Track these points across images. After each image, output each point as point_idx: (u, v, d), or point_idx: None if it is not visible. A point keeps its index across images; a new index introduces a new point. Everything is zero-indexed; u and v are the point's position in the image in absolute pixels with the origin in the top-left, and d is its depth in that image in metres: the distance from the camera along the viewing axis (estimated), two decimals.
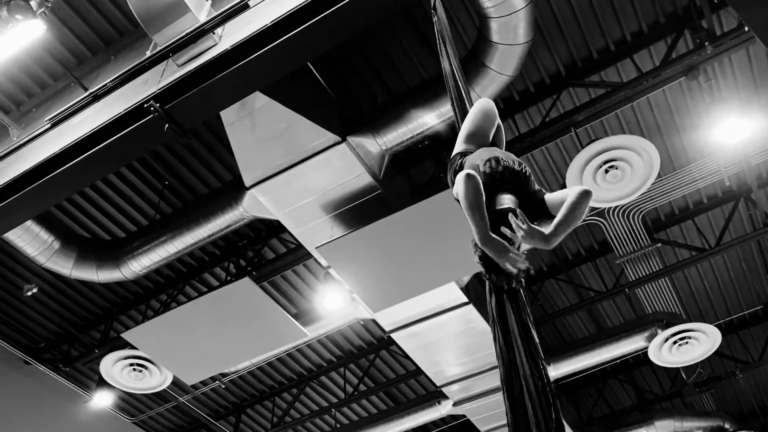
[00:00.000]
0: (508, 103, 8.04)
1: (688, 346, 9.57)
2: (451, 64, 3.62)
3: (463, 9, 7.22)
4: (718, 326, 9.89)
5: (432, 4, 3.84)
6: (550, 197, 2.90)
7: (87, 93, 6.44)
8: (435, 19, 3.80)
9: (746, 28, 6.51)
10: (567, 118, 7.55)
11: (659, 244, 9.39)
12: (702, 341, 9.57)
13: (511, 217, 2.62)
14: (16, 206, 6.49)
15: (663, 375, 11.77)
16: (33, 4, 5.73)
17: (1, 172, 6.58)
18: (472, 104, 3.39)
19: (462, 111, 3.50)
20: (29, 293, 9.27)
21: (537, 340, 2.69)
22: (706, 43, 6.87)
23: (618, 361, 10.50)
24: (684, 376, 11.04)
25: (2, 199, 6.41)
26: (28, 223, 7.62)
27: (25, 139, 6.68)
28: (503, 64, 6.55)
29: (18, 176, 6.31)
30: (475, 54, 6.70)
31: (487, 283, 2.79)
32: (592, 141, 7.60)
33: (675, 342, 9.51)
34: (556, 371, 10.00)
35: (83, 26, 7.17)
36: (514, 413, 2.55)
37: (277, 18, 5.43)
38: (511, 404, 2.57)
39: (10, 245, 7.95)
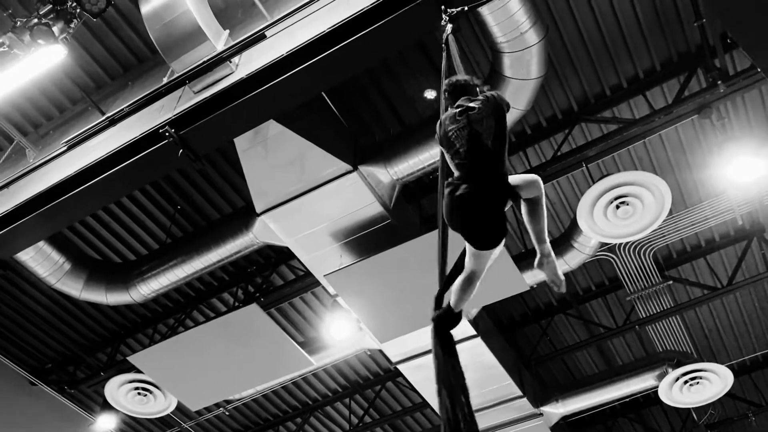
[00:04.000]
0: (520, 136, 8.07)
1: (700, 386, 9.39)
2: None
3: (476, 43, 7.30)
4: (731, 367, 9.73)
5: (444, 39, 3.83)
6: None
7: (104, 117, 6.55)
8: (444, 54, 3.76)
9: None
10: (579, 152, 7.59)
11: (670, 282, 9.32)
12: (714, 382, 9.39)
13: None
14: (29, 227, 6.56)
15: (673, 415, 11.56)
16: (55, 29, 5.85)
17: (16, 193, 6.67)
18: None
19: None
20: None
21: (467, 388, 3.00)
22: (719, 82, 6.89)
23: (627, 399, 10.32)
24: (695, 417, 10.83)
25: (16, 220, 6.49)
26: (40, 243, 7.68)
27: (41, 161, 6.78)
28: (516, 99, 6.58)
29: (32, 197, 6.39)
30: None
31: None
32: (603, 176, 7.59)
33: (686, 382, 9.34)
34: (564, 408, 9.82)
35: (103, 52, 7.33)
36: None
37: (292, 49, 5.53)
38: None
39: (20, 265, 8.00)
